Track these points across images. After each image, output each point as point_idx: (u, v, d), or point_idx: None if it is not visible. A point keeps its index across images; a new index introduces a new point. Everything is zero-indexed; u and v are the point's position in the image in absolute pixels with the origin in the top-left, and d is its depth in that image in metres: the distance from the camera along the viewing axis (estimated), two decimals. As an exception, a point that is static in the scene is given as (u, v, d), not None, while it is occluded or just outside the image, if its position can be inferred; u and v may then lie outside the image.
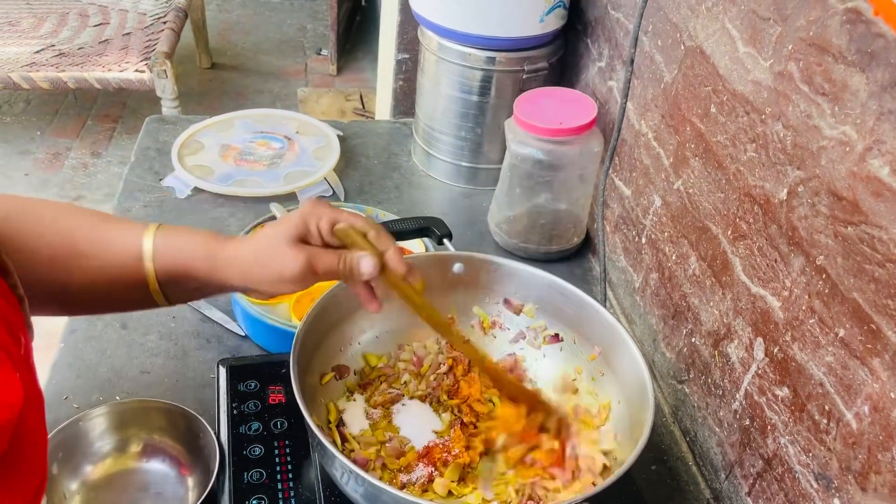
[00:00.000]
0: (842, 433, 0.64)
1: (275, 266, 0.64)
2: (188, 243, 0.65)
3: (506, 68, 1.20)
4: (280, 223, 0.66)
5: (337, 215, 0.66)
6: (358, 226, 0.66)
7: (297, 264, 0.63)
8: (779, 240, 0.73)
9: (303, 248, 0.64)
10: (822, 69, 0.66)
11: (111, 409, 0.79)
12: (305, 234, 0.65)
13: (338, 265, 0.65)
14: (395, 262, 0.67)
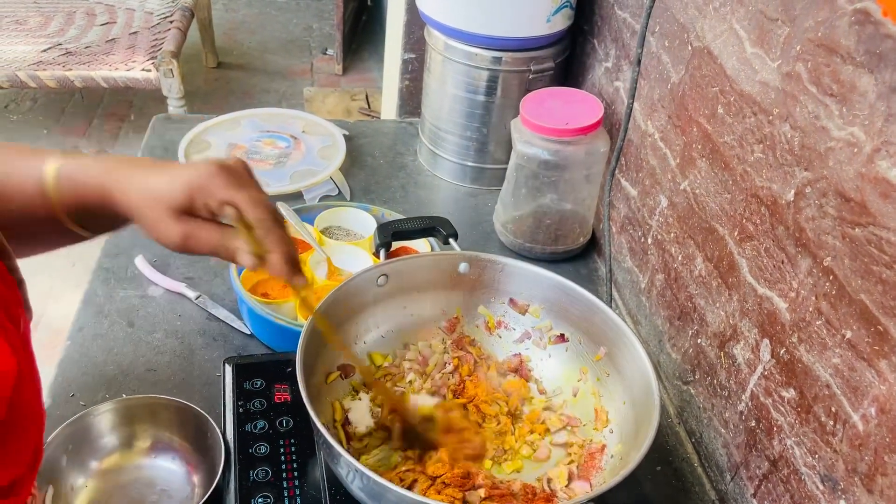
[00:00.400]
0: (848, 435, 0.64)
1: (154, 231, 0.61)
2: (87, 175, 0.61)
3: (512, 68, 1.20)
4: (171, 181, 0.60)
5: (231, 197, 0.59)
6: (248, 218, 0.60)
7: (173, 239, 0.60)
8: (786, 241, 0.72)
9: (181, 223, 0.60)
10: (830, 70, 0.65)
11: (119, 404, 0.79)
12: (190, 208, 0.60)
13: (217, 250, 0.61)
14: (275, 269, 0.62)
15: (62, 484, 0.75)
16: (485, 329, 0.91)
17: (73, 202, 0.61)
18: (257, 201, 0.60)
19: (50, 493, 0.73)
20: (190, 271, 1.07)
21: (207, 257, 1.09)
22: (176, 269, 1.07)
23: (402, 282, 0.87)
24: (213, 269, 1.08)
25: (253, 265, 0.61)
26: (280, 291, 0.99)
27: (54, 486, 0.74)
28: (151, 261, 1.07)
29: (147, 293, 1.03)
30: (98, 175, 0.61)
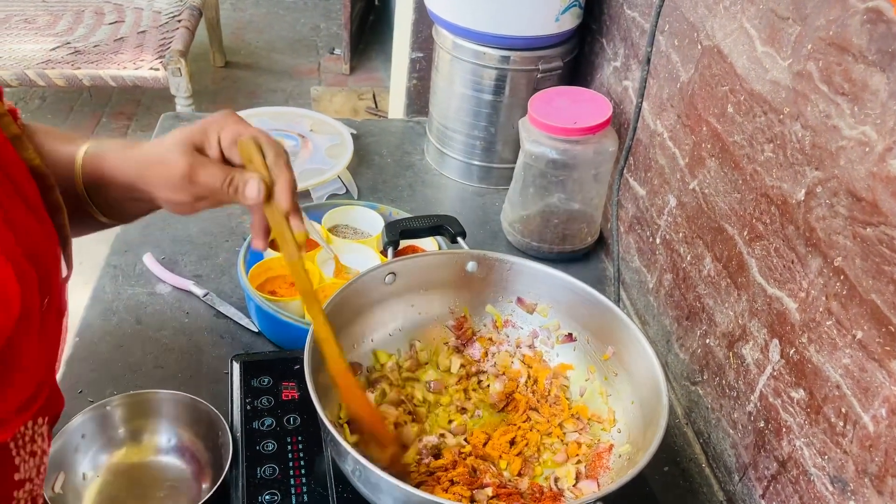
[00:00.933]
0: (858, 436, 0.63)
1: (160, 167, 0.61)
2: (109, 148, 0.65)
3: (520, 67, 1.20)
4: (184, 128, 0.63)
5: (243, 129, 0.62)
6: (261, 141, 0.62)
7: (178, 169, 0.61)
8: (796, 241, 0.72)
9: (190, 154, 0.61)
10: (841, 69, 0.65)
11: (132, 398, 0.79)
12: (203, 142, 0.62)
13: (222, 182, 0.61)
14: (280, 195, 0.62)
15: (74, 472, 0.76)
16: (493, 328, 0.91)
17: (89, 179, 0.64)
18: (266, 135, 0.63)
19: (61, 479, 0.73)
20: (198, 269, 1.07)
21: (216, 255, 1.09)
22: (184, 267, 1.07)
23: (410, 280, 0.87)
24: (220, 266, 1.08)
25: (260, 193, 0.61)
26: (288, 290, 0.99)
27: (66, 474, 0.74)
28: (159, 258, 1.07)
29: (155, 290, 1.03)
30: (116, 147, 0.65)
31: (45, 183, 0.61)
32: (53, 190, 0.62)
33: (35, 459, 0.64)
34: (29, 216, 0.56)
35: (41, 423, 0.65)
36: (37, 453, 0.64)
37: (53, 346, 0.61)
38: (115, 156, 0.64)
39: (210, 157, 0.63)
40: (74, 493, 0.74)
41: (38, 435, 0.65)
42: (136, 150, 0.64)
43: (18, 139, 0.60)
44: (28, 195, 0.57)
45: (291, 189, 0.63)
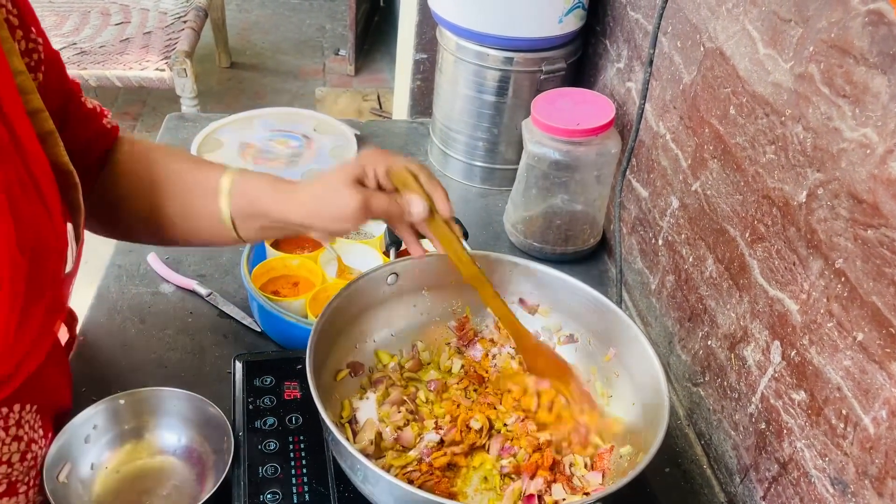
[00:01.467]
0: (859, 438, 0.63)
1: (333, 205, 0.70)
2: (259, 181, 0.74)
3: (523, 69, 1.20)
4: (340, 168, 0.72)
5: (392, 161, 0.72)
6: (411, 168, 0.72)
7: (354, 204, 0.69)
8: (797, 242, 0.72)
9: (359, 188, 0.70)
10: (843, 71, 0.65)
11: (142, 394, 0.80)
12: (362, 176, 0.71)
13: (390, 206, 0.71)
14: (441, 206, 0.73)
15: (82, 462, 0.76)
16: (494, 328, 0.91)
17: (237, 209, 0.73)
18: (410, 160, 0.74)
19: (67, 469, 0.74)
20: (202, 268, 1.07)
21: (220, 255, 1.10)
22: (188, 267, 1.07)
23: (412, 281, 0.87)
24: (224, 266, 1.08)
25: (425, 209, 0.72)
26: (291, 290, 0.99)
27: (72, 464, 0.75)
28: (164, 258, 1.08)
29: (159, 290, 1.04)
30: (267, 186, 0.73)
31: (67, 181, 0.64)
32: (76, 190, 0.65)
33: (19, 445, 0.65)
34: (40, 211, 0.58)
35: (29, 411, 0.66)
36: (22, 439, 0.65)
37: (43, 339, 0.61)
38: (275, 197, 0.72)
39: (372, 188, 0.72)
40: (81, 484, 0.75)
41: (26, 422, 0.66)
42: (298, 193, 0.72)
43: (51, 136, 0.63)
44: (45, 190, 0.59)
45: (447, 199, 0.73)
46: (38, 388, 0.69)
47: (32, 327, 0.59)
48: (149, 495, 0.75)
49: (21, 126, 0.58)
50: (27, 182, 0.58)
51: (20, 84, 0.60)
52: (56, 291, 0.63)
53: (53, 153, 0.64)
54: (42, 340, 0.62)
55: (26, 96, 0.60)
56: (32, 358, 0.61)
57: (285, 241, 1.07)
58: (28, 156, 0.58)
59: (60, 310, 0.67)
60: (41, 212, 0.58)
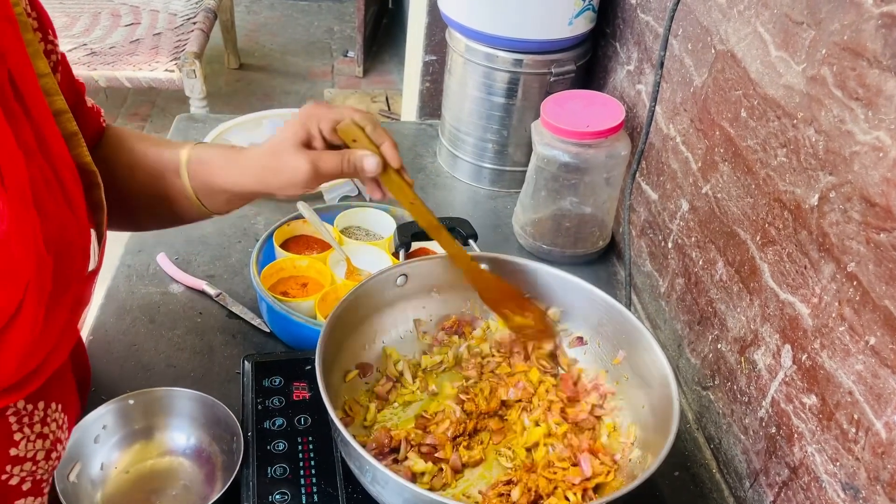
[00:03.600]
0: (871, 442, 0.63)
1: (282, 172, 0.68)
2: (212, 152, 0.73)
3: (533, 71, 1.20)
4: (284, 130, 0.69)
5: (336, 114, 0.69)
6: (357, 120, 0.69)
7: (304, 169, 0.67)
8: (809, 246, 0.72)
9: (306, 153, 0.68)
10: (856, 74, 0.65)
11: (152, 394, 0.80)
12: (308, 138, 0.69)
13: (341, 165, 0.69)
14: (391, 157, 0.71)
15: (92, 462, 0.76)
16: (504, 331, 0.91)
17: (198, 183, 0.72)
18: (357, 109, 0.71)
19: (77, 469, 0.74)
20: (211, 269, 1.08)
21: (229, 255, 1.10)
22: (197, 267, 1.08)
23: (422, 282, 0.87)
24: (233, 267, 1.09)
25: (378, 165, 0.70)
26: (300, 291, 0.99)
27: (82, 463, 0.75)
28: (173, 258, 1.08)
29: (168, 290, 1.04)
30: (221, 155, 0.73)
31: (90, 181, 0.66)
32: (98, 189, 0.66)
33: (44, 443, 0.66)
34: (64, 209, 0.59)
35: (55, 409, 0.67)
36: (47, 437, 0.66)
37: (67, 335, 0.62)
38: (225, 167, 0.72)
39: (319, 149, 0.69)
40: (91, 483, 0.75)
41: (52, 420, 0.67)
42: (246, 160, 0.71)
43: (74, 136, 0.64)
44: (69, 189, 0.60)
45: (395, 149, 0.71)
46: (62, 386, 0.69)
47: (58, 323, 0.59)
48: (158, 495, 0.76)
49: (47, 127, 0.59)
50: (52, 182, 0.58)
51: (44, 86, 0.61)
52: (80, 288, 0.64)
53: (77, 153, 0.65)
54: (66, 336, 0.63)
55: (51, 98, 0.61)
56: (57, 354, 0.62)
57: (294, 243, 1.07)
58: (53, 156, 0.59)
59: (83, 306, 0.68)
60: (66, 210, 0.59)
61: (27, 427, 0.64)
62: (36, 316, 0.56)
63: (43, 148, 0.58)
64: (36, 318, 0.56)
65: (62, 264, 0.58)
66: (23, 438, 0.63)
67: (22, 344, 0.55)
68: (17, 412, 0.62)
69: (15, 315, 0.53)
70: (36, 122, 0.58)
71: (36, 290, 0.54)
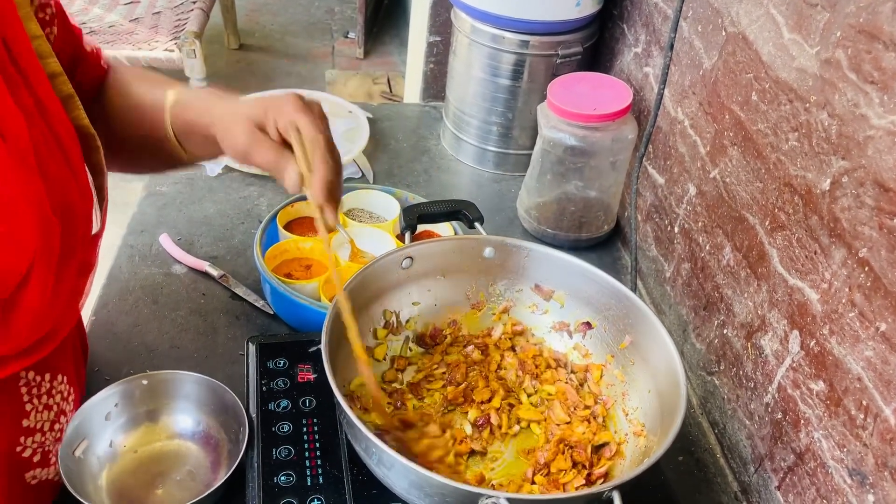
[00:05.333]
0: (879, 429, 0.63)
1: (226, 139, 0.68)
2: (195, 93, 0.73)
3: (539, 52, 1.19)
4: (253, 102, 0.68)
5: (294, 117, 0.66)
6: (304, 135, 0.66)
7: (239, 145, 0.67)
8: (819, 231, 0.71)
9: (251, 132, 0.66)
10: (871, 57, 0.64)
11: (164, 376, 0.79)
12: (263, 123, 0.67)
13: (270, 164, 0.67)
14: (313, 188, 0.66)
15: (101, 440, 0.76)
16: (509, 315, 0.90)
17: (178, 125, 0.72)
18: (317, 127, 0.66)
19: (84, 445, 0.74)
20: (214, 250, 1.07)
21: (232, 237, 1.09)
22: (200, 248, 1.07)
23: (427, 265, 0.87)
24: (236, 248, 1.08)
25: (294, 183, 0.65)
26: (304, 273, 0.99)
27: (88, 440, 0.75)
28: (176, 239, 1.07)
29: (171, 271, 1.03)
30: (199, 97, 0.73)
31: (90, 144, 0.66)
32: (98, 152, 0.66)
33: (50, 414, 0.66)
34: (66, 172, 0.59)
35: (61, 381, 0.67)
36: (52, 408, 0.66)
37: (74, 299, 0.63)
38: (201, 112, 0.71)
39: (268, 138, 0.67)
40: (97, 461, 0.75)
41: (58, 392, 0.67)
42: (215, 110, 0.70)
43: (71, 99, 0.64)
44: (70, 153, 0.61)
45: (323, 184, 0.65)
46: (66, 358, 0.69)
47: (66, 287, 0.60)
48: (163, 478, 0.75)
49: (43, 90, 0.59)
50: (53, 145, 0.59)
51: (38, 49, 0.60)
52: (85, 252, 0.64)
53: (74, 116, 0.65)
54: (74, 300, 0.64)
55: (45, 60, 0.61)
56: (66, 319, 0.63)
57: (298, 224, 1.06)
58: (52, 119, 0.59)
59: (89, 269, 0.68)
60: (66, 172, 0.60)
61: (36, 398, 0.65)
62: (46, 279, 0.56)
63: (41, 111, 0.58)
64: (46, 281, 0.56)
65: (67, 227, 0.59)
66: (32, 409, 0.64)
67: (33, 308, 0.56)
68: (28, 383, 0.63)
69: (26, 279, 0.54)
70: (32, 85, 0.58)
71: (45, 253, 0.55)
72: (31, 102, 0.57)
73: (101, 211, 0.67)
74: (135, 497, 0.74)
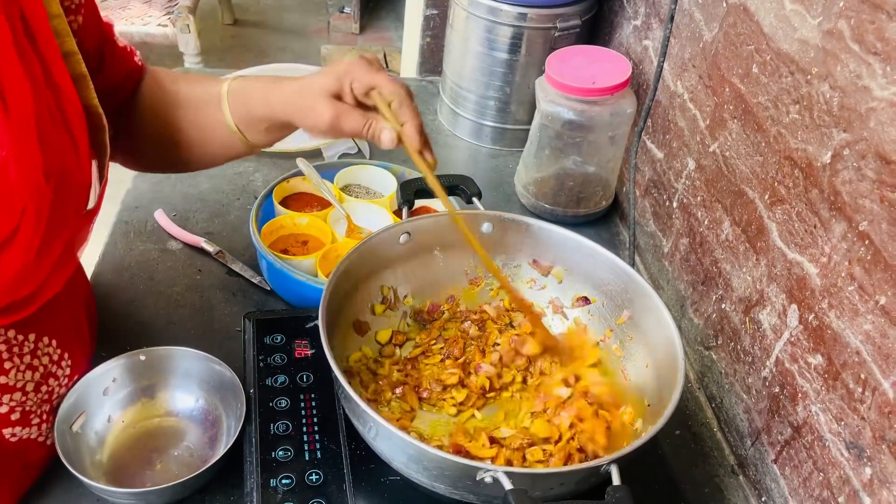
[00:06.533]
0: (877, 402, 0.63)
1: (308, 116, 0.70)
2: (252, 81, 0.75)
3: (537, 25, 1.17)
4: (321, 74, 0.71)
5: (371, 79, 0.70)
6: (385, 93, 0.70)
7: (326, 118, 0.69)
8: (819, 205, 0.71)
9: (333, 104, 0.70)
10: (874, 27, 0.63)
11: (163, 352, 0.79)
12: (339, 91, 0.70)
13: (362, 129, 0.70)
14: (409, 137, 0.71)
15: (99, 414, 0.76)
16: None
17: (238, 117, 0.74)
18: (392, 80, 0.71)
19: (81, 419, 0.74)
20: (209, 226, 1.06)
21: (228, 213, 1.09)
22: (195, 224, 1.06)
23: (425, 240, 0.86)
24: (232, 224, 1.07)
25: (392, 141, 0.71)
26: (300, 248, 0.98)
27: (88, 415, 0.75)
28: (171, 215, 1.06)
29: (167, 247, 1.03)
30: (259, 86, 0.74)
31: (97, 123, 0.67)
32: (103, 132, 0.68)
33: (33, 374, 0.67)
34: (67, 144, 0.61)
35: (48, 344, 0.68)
36: (37, 369, 0.68)
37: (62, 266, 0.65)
38: (261, 97, 0.73)
39: (349, 104, 0.70)
40: (95, 435, 0.75)
41: (45, 354, 0.68)
42: (281, 92, 0.72)
43: (83, 78, 0.66)
44: (73, 127, 0.62)
45: (419, 131, 0.71)
46: (55, 321, 0.70)
47: (52, 256, 0.61)
48: (160, 453, 0.75)
49: (55, 65, 0.61)
50: (57, 117, 0.60)
51: (55, 27, 0.62)
52: (78, 225, 0.65)
53: (84, 95, 0.66)
54: (61, 268, 0.65)
55: (61, 38, 0.62)
56: (49, 286, 0.64)
57: (294, 200, 1.05)
58: (61, 94, 0.61)
59: (80, 244, 0.70)
60: (67, 145, 0.61)
61: (17, 357, 0.66)
62: (31, 244, 0.58)
63: (50, 84, 0.60)
64: (30, 245, 0.58)
65: (61, 198, 0.60)
66: (12, 368, 0.65)
67: (14, 269, 0.57)
68: (7, 341, 0.65)
69: (10, 239, 0.56)
70: (45, 59, 0.59)
71: (33, 217, 0.57)
72: (41, 74, 0.59)
73: (100, 188, 0.68)
74: (132, 472, 0.74)
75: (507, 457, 0.72)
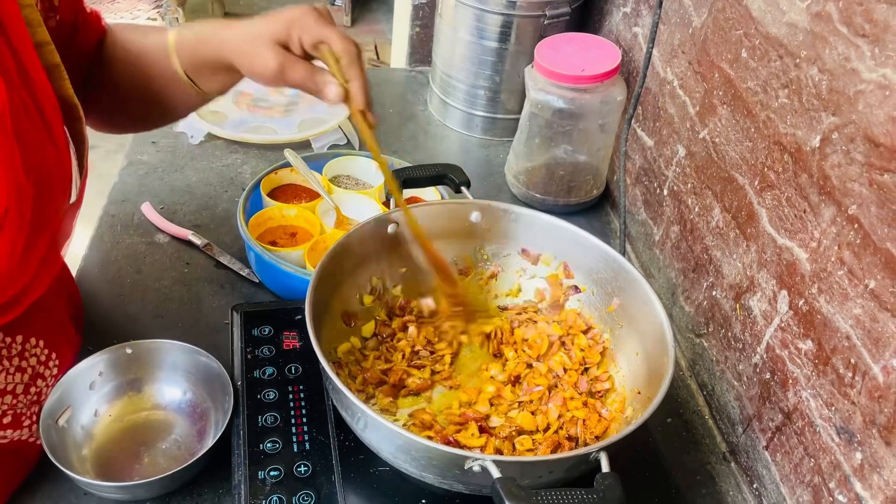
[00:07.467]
0: (867, 387, 0.63)
1: (253, 63, 0.68)
2: (197, 27, 0.72)
3: (527, 13, 1.16)
4: (269, 20, 0.68)
5: (321, 32, 0.67)
6: (336, 49, 0.68)
7: (271, 68, 0.67)
8: (809, 189, 0.70)
9: (280, 53, 0.67)
10: (862, 9, 0.62)
11: (149, 345, 0.78)
12: (286, 40, 0.67)
13: (306, 81, 0.68)
14: (354, 95, 0.69)
15: (85, 408, 0.75)
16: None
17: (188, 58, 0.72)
18: (344, 36, 0.68)
19: (68, 414, 0.73)
20: (197, 219, 1.05)
21: (215, 205, 1.08)
22: (183, 217, 1.05)
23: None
24: (220, 216, 1.06)
25: (338, 96, 0.68)
26: (288, 240, 0.98)
27: (74, 409, 0.74)
28: (158, 208, 1.06)
29: (154, 240, 1.02)
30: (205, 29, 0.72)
31: (73, 115, 0.66)
32: (80, 123, 0.66)
33: (22, 376, 0.66)
34: (45, 140, 0.60)
35: (35, 345, 0.67)
36: (26, 371, 0.66)
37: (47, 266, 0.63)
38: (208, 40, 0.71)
39: (295, 55, 0.68)
40: (81, 429, 0.74)
41: (33, 355, 0.67)
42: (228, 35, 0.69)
43: (56, 69, 0.64)
44: (50, 121, 0.61)
45: (364, 89, 0.69)
46: (42, 321, 0.69)
47: (37, 255, 0.60)
48: (148, 447, 0.75)
49: (28, 58, 0.59)
50: (33, 111, 0.58)
51: (26, 17, 0.60)
52: (60, 221, 0.64)
53: (59, 86, 0.64)
54: (46, 267, 0.64)
55: (32, 28, 0.61)
56: (36, 286, 0.63)
57: (282, 192, 1.05)
58: (35, 86, 0.59)
59: (64, 239, 0.68)
60: (45, 140, 0.60)
61: (6, 360, 0.65)
62: (14, 244, 0.56)
63: (24, 78, 0.58)
64: (14, 246, 0.56)
65: (42, 195, 0.58)
66: (2, 371, 0.64)
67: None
68: None
69: None
70: (17, 52, 0.58)
71: (15, 217, 0.55)
72: (14, 69, 0.57)
73: (80, 181, 0.66)
74: (120, 466, 0.73)
75: (497, 446, 0.72)
